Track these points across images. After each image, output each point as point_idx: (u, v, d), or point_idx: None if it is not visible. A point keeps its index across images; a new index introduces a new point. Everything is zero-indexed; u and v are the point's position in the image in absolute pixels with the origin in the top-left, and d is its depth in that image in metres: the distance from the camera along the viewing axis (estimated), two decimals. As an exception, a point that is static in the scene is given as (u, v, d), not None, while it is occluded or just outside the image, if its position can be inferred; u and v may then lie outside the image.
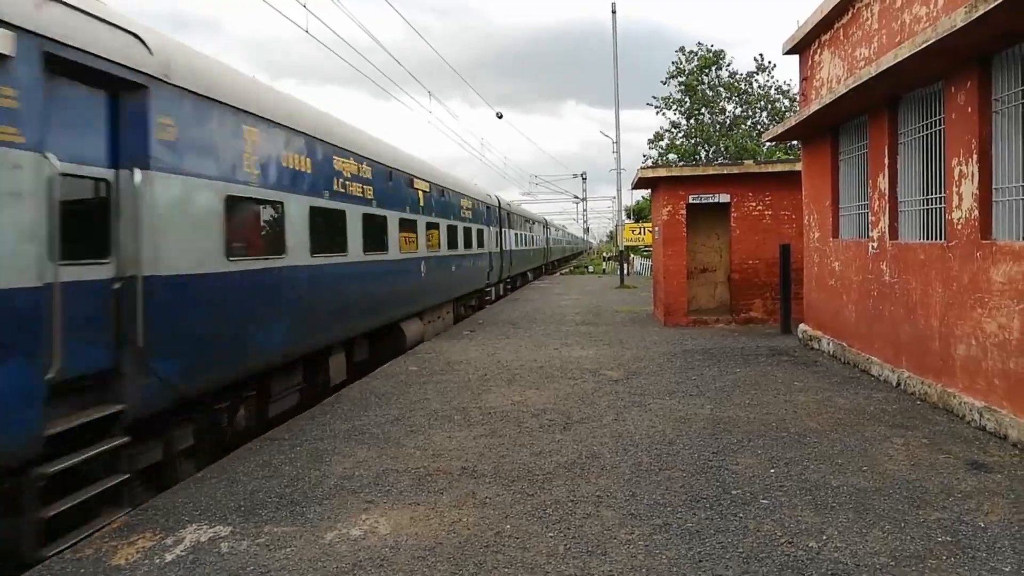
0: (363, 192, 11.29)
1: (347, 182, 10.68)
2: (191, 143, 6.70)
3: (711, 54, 37.81)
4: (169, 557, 4.81)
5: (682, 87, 38.16)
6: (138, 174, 5.91)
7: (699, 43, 38.76)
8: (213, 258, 7.02)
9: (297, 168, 9.00)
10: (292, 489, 6.06)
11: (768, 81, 37.88)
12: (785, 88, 37.46)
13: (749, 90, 37.77)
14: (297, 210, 8.90)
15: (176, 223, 6.42)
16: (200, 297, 6.80)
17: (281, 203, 8.51)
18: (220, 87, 7.30)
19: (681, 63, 38.13)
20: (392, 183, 12.90)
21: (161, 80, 6.25)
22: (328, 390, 10.26)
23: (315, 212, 9.42)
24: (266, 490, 6.06)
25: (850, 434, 7.21)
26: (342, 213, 10.46)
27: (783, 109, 36.63)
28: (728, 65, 38.32)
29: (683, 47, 38.57)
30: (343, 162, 10.56)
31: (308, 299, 9.09)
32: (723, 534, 4.91)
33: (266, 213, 8.30)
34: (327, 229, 9.87)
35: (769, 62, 38.08)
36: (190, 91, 6.70)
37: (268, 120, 8.20)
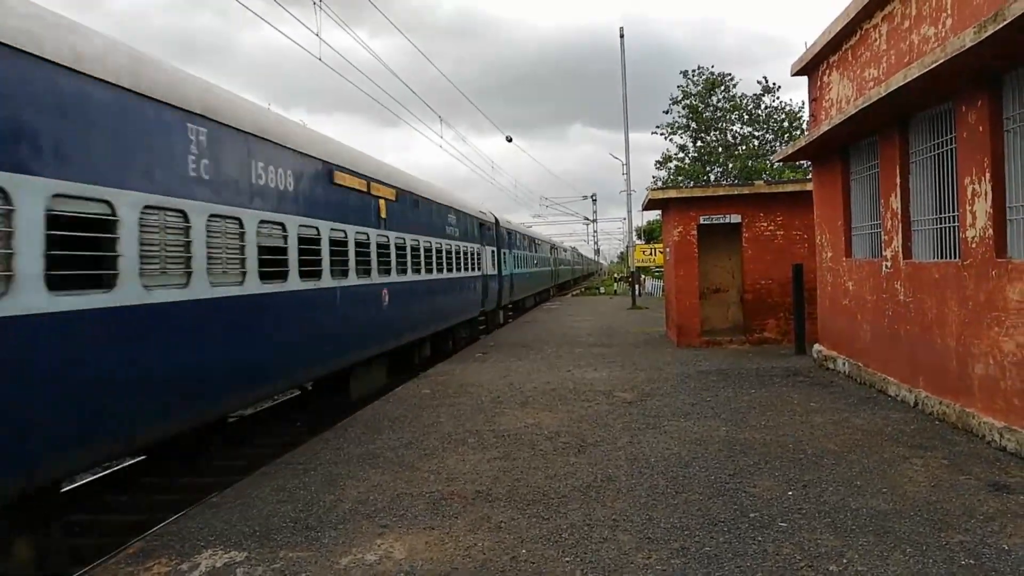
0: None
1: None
2: None
3: (716, 76, 37.94)
4: (185, 583, 4.80)
5: (686, 109, 38.28)
6: None
7: (699, 66, 38.84)
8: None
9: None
10: (307, 514, 6.05)
11: (774, 102, 37.94)
12: (789, 109, 37.49)
13: (756, 111, 37.83)
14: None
15: None
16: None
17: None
18: None
19: (687, 87, 38.27)
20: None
21: None
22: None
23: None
24: (281, 515, 6.05)
25: (868, 455, 7.13)
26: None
27: (790, 128, 36.64)
28: (735, 86, 38.42)
29: (687, 70, 38.75)
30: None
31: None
32: (742, 558, 4.85)
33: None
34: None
35: (774, 84, 38.15)
36: None
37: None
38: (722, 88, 37.94)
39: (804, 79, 13.62)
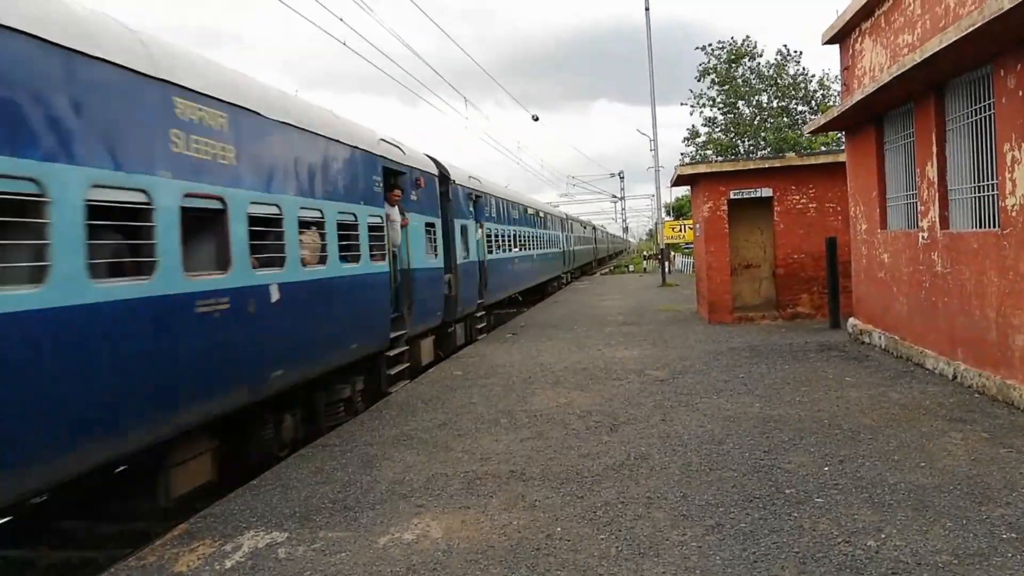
0: None
1: None
2: None
3: (740, 46, 37.02)
4: (229, 563, 4.93)
5: (715, 82, 37.49)
6: None
7: (719, 41, 37.95)
8: None
9: None
10: (345, 495, 6.16)
11: (797, 70, 37.03)
12: (814, 75, 36.64)
13: (779, 80, 36.98)
14: None
15: None
16: None
17: None
18: None
19: (708, 62, 37.49)
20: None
21: None
22: None
23: None
24: (320, 496, 6.17)
25: (906, 430, 7.04)
26: None
27: (818, 98, 35.79)
28: (760, 55, 37.49)
29: (704, 45, 37.97)
30: None
31: None
32: (778, 534, 4.84)
33: None
34: None
35: (796, 51, 37.30)
36: None
37: None
38: (747, 59, 37.05)
39: (833, 48, 13.32)
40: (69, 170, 4.86)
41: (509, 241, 21.11)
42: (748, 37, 37.31)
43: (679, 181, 19.49)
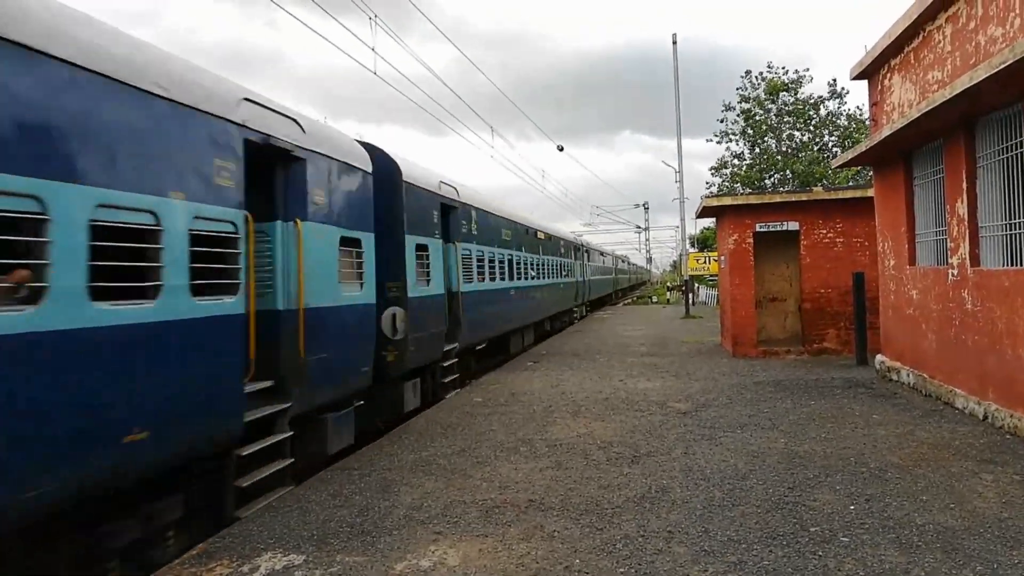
0: None
1: None
2: None
3: (785, 80, 36.68)
4: (246, 584, 4.92)
5: (742, 115, 37.30)
6: None
7: (769, 64, 37.53)
8: None
9: None
10: (363, 519, 6.14)
11: (838, 108, 36.78)
12: (851, 112, 36.38)
13: (813, 115, 36.74)
14: None
15: None
16: None
17: None
18: None
19: (746, 88, 37.26)
20: None
21: None
22: None
23: None
24: (337, 519, 6.16)
25: (935, 470, 6.89)
26: None
27: (851, 133, 35.53)
28: (806, 85, 37.10)
29: (748, 71, 37.74)
30: None
31: None
32: (801, 573, 4.73)
33: None
34: None
35: (843, 88, 37.00)
36: None
37: None
38: (786, 92, 36.76)
39: (864, 83, 13.30)
40: None
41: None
42: (800, 78, 36.67)
43: (704, 213, 19.45)
